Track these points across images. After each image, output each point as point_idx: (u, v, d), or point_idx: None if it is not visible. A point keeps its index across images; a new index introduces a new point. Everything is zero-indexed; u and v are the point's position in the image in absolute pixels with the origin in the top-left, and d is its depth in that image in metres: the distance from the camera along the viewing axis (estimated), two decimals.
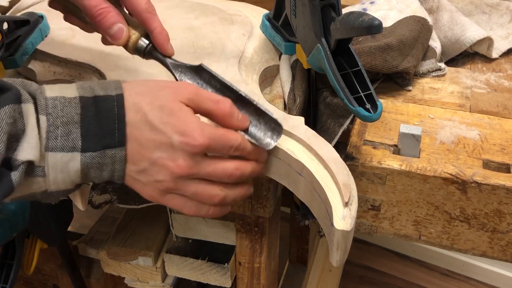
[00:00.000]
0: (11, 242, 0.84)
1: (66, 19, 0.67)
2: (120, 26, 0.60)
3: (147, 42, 0.62)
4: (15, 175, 0.47)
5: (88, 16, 0.60)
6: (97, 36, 0.74)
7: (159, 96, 0.52)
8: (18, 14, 0.81)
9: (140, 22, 0.61)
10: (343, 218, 0.52)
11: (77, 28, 0.78)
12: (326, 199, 0.54)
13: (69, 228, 0.97)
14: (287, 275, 1.44)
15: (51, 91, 0.50)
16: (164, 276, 0.94)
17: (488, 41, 0.81)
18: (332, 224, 0.52)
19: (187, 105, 0.53)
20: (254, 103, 0.57)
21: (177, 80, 0.61)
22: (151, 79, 0.55)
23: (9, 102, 0.47)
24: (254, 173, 0.57)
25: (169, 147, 0.51)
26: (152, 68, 0.70)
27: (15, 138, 0.47)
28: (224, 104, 0.54)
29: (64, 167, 0.49)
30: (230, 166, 0.55)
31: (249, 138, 0.56)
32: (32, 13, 0.76)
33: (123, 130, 0.51)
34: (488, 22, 0.89)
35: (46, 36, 0.77)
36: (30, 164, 0.48)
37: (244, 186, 0.58)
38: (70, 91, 0.51)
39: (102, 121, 0.50)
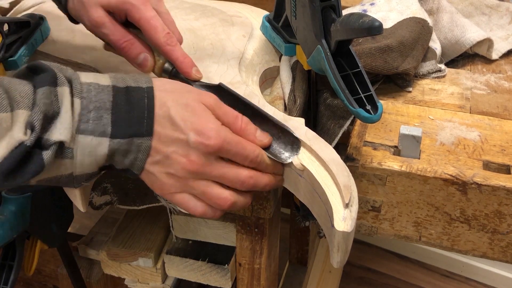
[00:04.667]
0: (11, 243, 0.83)
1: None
2: (145, 56, 0.63)
3: (171, 67, 0.64)
4: (46, 155, 0.48)
5: (116, 49, 0.64)
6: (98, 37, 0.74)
7: (185, 96, 0.55)
8: (19, 16, 0.81)
9: (162, 54, 0.64)
10: (343, 220, 0.52)
11: (77, 30, 0.79)
12: (326, 200, 0.54)
13: (69, 229, 0.97)
14: (287, 276, 1.44)
15: (86, 77, 0.52)
16: (164, 277, 0.94)
17: (488, 43, 0.81)
18: (332, 226, 0.52)
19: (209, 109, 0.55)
20: (272, 118, 0.59)
21: None
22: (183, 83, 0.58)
23: (46, 84, 0.49)
24: (269, 186, 0.58)
25: (184, 144, 0.53)
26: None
27: (49, 119, 0.49)
28: (242, 120, 0.56)
29: (92, 150, 0.51)
30: (243, 173, 0.55)
31: (268, 154, 0.57)
32: (32, 15, 0.76)
33: (151, 120, 0.53)
34: (488, 24, 0.89)
35: (46, 37, 0.78)
36: (60, 145, 0.49)
37: (249, 196, 0.58)
38: (104, 79, 0.53)
39: (133, 110, 0.52)
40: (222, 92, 0.62)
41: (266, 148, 0.57)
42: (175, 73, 0.64)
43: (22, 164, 0.48)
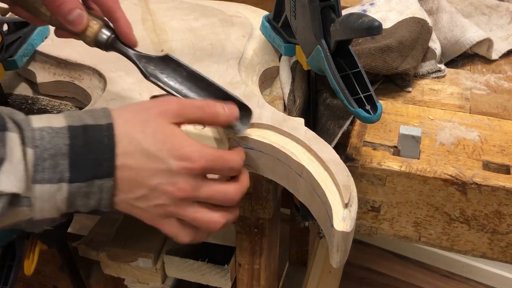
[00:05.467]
0: (11, 244, 0.83)
1: (12, 11, 0.64)
2: (79, 12, 0.58)
3: (108, 33, 0.59)
4: None
5: (46, 3, 0.59)
6: None
7: (149, 122, 0.52)
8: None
9: (104, 11, 0.60)
10: (343, 220, 0.52)
11: None
12: (326, 200, 0.54)
13: (69, 230, 0.97)
14: (287, 277, 1.44)
15: (38, 121, 0.49)
16: (164, 277, 0.94)
17: (487, 43, 0.81)
18: (332, 226, 0.52)
19: (177, 123, 0.53)
20: (223, 89, 0.58)
21: (141, 70, 0.59)
22: (135, 102, 0.55)
23: None
24: (242, 192, 0.56)
25: (167, 173, 0.51)
26: None
27: None
28: (209, 107, 0.54)
29: (51, 197, 0.48)
30: (231, 190, 0.54)
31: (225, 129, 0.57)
32: None
33: (111, 161, 0.50)
34: (487, 24, 0.89)
35: (46, 37, 0.78)
36: (15, 196, 0.46)
37: (237, 209, 0.57)
38: (57, 120, 0.50)
39: (92, 151, 0.49)
40: (169, 62, 0.59)
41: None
42: (110, 43, 0.59)
43: None
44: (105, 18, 0.60)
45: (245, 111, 0.58)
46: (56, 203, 0.49)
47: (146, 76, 0.59)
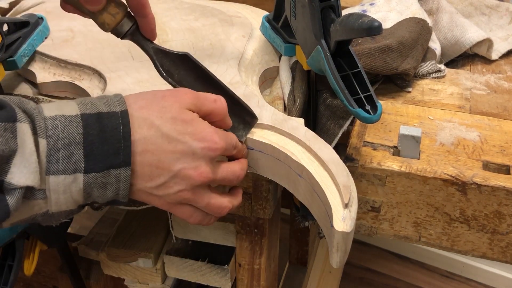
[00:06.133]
0: (11, 244, 0.83)
1: (64, 8, 0.62)
2: None
3: (130, 24, 0.58)
4: (11, 200, 0.44)
5: None
6: (97, 37, 0.74)
7: (166, 108, 0.51)
8: (18, 16, 0.81)
9: (133, 5, 0.58)
10: (343, 220, 0.52)
11: (77, 30, 0.79)
12: (326, 200, 0.54)
13: (69, 230, 0.97)
14: (287, 277, 1.44)
15: (50, 110, 0.47)
16: (164, 277, 0.94)
17: (487, 43, 0.81)
18: (332, 226, 0.52)
19: (193, 111, 0.53)
20: (232, 94, 0.59)
21: (157, 66, 0.59)
22: (149, 90, 0.54)
23: (0, 120, 0.44)
24: (245, 169, 0.59)
25: (190, 156, 0.51)
26: (152, 70, 0.71)
27: (6, 159, 0.44)
28: (221, 101, 0.56)
29: (66, 188, 0.47)
30: (236, 168, 0.57)
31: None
32: (32, 15, 0.76)
33: (128, 149, 0.48)
34: (487, 24, 0.89)
35: (46, 37, 0.78)
36: (29, 189, 0.45)
37: (240, 195, 0.60)
38: (70, 108, 0.48)
39: (107, 140, 0.48)
40: (187, 61, 0.59)
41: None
42: (131, 32, 0.58)
43: None
44: (128, 8, 0.59)
45: (250, 119, 0.60)
46: (72, 195, 0.48)
47: (161, 73, 0.59)
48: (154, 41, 0.60)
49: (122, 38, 0.60)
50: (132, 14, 0.59)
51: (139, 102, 0.51)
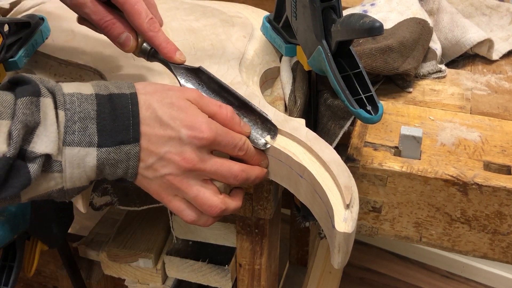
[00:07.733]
0: (11, 244, 0.83)
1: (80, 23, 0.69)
2: (127, 35, 0.63)
3: (149, 47, 0.64)
4: (32, 167, 0.48)
5: (98, 27, 0.64)
6: (97, 37, 0.74)
7: (168, 95, 0.55)
8: (19, 16, 0.81)
9: (145, 40, 0.64)
10: (344, 220, 0.52)
11: (77, 31, 0.78)
12: (327, 201, 0.54)
13: (70, 230, 0.97)
14: (287, 277, 1.44)
15: (68, 87, 0.52)
16: (165, 278, 0.94)
17: (488, 43, 0.81)
18: (333, 226, 0.52)
19: (194, 104, 0.56)
20: (251, 104, 0.60)
21: (178, 80, 0.63)
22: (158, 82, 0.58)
23: (27, 94, 0.48)
24: (259, 178, 0.59)
25: (177, 141, 0.53)
26: (153, 70, 0.71)
27: (30, 130, 0.48)
28: (226, 109, 0.57)
29: (80, 162, 0.51)
30: (236, 167, 0.56)
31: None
32: (33, 15, 0.76)
33: (137, 126, 0.52)
34: (488, 24, 0.89)
35: (46, 38, 0.77)
36: (47, 159, 0.49)
37: (240, 199, 0.60)
38: (86, 88, 0.53)
39: (117, 117, 0.52)
40: (201, 75, 0.62)
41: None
42: (153, 53, 0.64)
43: (7, 177, 0.47)
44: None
45: (271, 127, 0.60)
46: (85, 170, 0.51)
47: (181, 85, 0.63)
48: (182, 63, 0.64)
49: (149, 60, 0.65)
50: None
51: (146, 88, 0.55)
